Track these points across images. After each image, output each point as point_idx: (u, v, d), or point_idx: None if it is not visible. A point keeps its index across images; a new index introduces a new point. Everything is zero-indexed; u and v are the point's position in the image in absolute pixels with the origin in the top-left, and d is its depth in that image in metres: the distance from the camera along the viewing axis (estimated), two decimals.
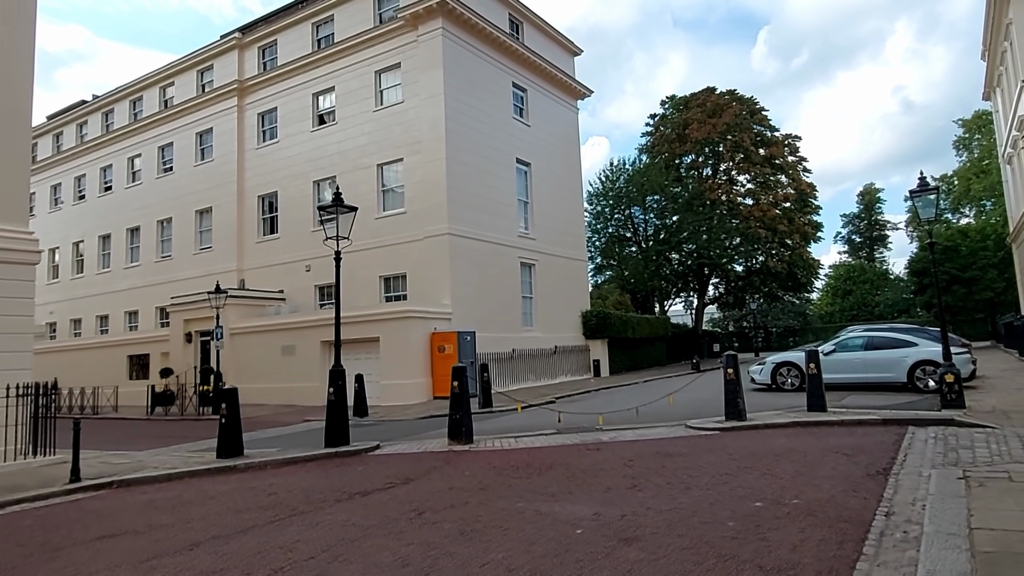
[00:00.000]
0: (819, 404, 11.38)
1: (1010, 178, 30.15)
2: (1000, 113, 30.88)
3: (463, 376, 10.39)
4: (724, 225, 38.58)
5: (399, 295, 24.37)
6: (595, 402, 17.94)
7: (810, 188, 41.48)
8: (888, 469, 7.41)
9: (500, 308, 24.99)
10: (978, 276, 35.18)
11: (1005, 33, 24.92)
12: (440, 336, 21.67)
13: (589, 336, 29.90)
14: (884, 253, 68.75)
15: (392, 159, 24.98)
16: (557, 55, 30.88)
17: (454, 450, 9.97)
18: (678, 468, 7.81)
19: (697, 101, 41.30)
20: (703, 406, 13.53)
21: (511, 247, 26.23)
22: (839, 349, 16.12)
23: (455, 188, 23.56)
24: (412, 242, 23.87)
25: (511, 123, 27.37)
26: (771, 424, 10.50)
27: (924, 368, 14.86)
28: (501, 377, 23.94)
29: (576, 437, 10.49)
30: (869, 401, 13.62)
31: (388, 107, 25.34)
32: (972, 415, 10.60)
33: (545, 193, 28.86)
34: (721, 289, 45.92)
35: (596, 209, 40.25)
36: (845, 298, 60.27)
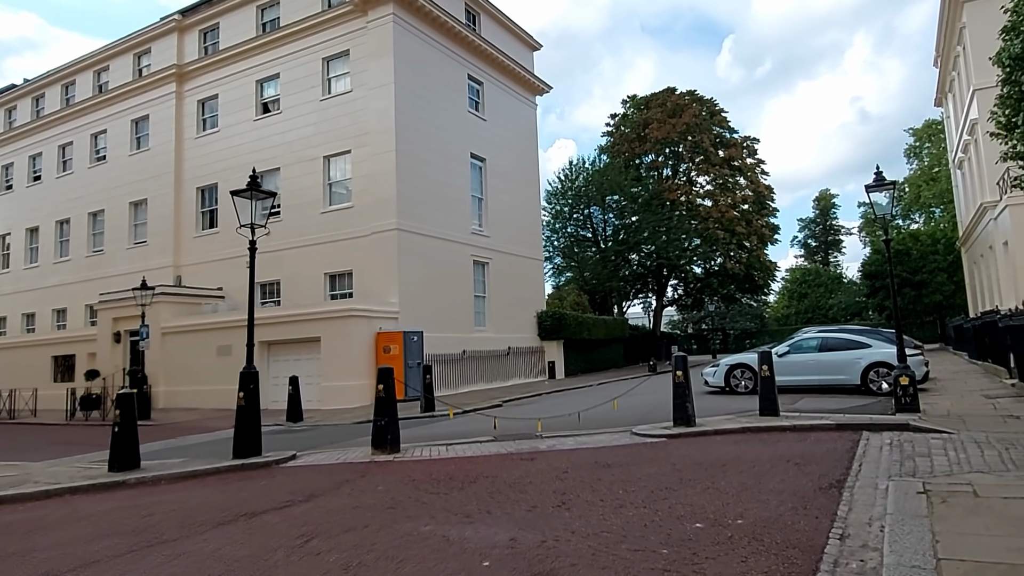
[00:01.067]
0: (771, 408, 10.79)
1: (960, 183, 30.45)
2: (951, 119, 31.19)
3: (390, 379, 9.48)
4: (683, 226, 38.30)
5: (345, 293, 23.27)
6: (544, 405, 17.17)
7: (768, 190, 41.57)
8: (842, 481, 6.76)
9: (451, 307, 24.08)
10: (928, 279, 35.57)
11: (958, 38, 25.04)
12: (385, 336, 20.67)
13: (544, 337, 29.18)
14: (838, 257, 70.06)
15: (339, 151, 23.87)
16: (515, 49, 30.13)
17: (376, 460, 9.05)
18: (615, 481, 7.04)
19: (657, 101, 41.01)
20: (653, 410, 12.87)
21: (464, 244, 25.34)
22: (793, 351, 15.66)
23: (405, 182, 22.58)
24: (359, 238, 22.80)
25: (466, 117, 26.49)
26: (720, 430, 9.84)
27: (878, 370, 14.47)
28: (450, 379, 23.06)
29: (512, 445, 9.67)
30: (823, 404, 13.12)
31: (336, 96, 24.22)
32: (927, 419, 10.12)
33: (500, 190, 28.05)
34: (680, 291, 45.75)
35: (555, 209, 39.62)
36: (801, 301, 60.90)
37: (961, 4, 23.16)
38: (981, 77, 22.48)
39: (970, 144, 25.11)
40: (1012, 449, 8.15)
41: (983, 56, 22.47)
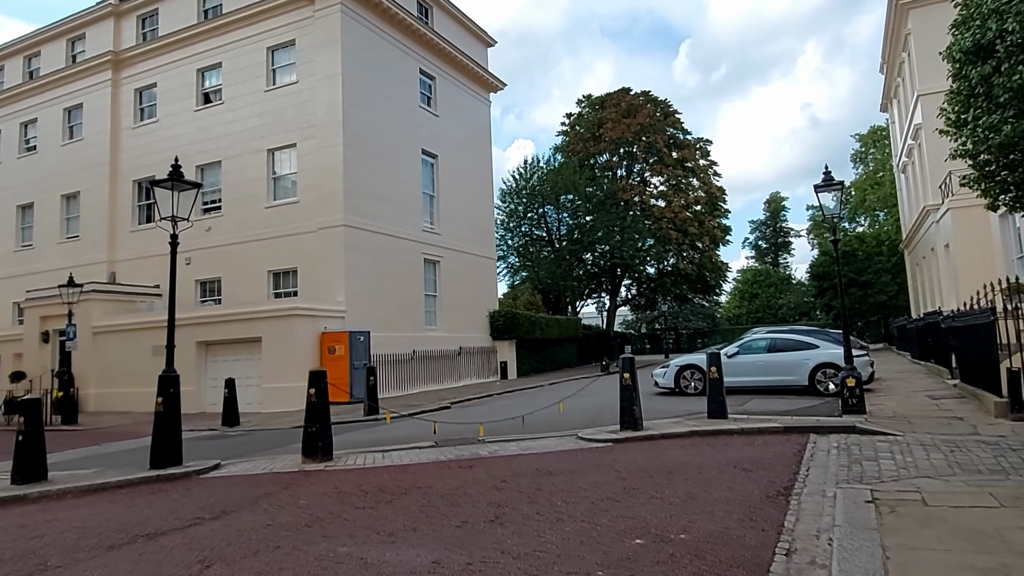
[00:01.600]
0: (719, 411, 10.58)
1: (904, 187, 31.19)
2: (896, 124, 31.93)
3: (321, 382, 8.91)
4: (637, 226, 38.37)
5: (290, 291, 22.41)
6: (493, 407, 16.74)
7: (720, 192, 42.02)
8: (789, 488, 6.51)
9: (401, 306, 23.45)
10: (873, 280, 36.43)
11: (904, 44, 25.56)
12: (330, 336, 19.93)
13: (496, 337, 28.75)
14: (787, 259, 71.51)
15: (285, 144, 22.97)
16: (469, 44, 29.62)
17: (305, 470, 8.47)
18: (556, 491, 6.64)
19: (612, 101, 41.01)
20: (601, 412, 12.55)
21: (414, 242, 24.72)
22: (743, 351, 15.58)
23: (353, 177, 21.85)
24: (305, 234, 21.97)
25: (417, 112, 25.86)
26: (668, 434, 9.56)
27: (825, 371, 14.48)
28: (399, 380, 22.44)
29: (452, 451, 9.20)
30: (771, 406, 13.02)
31: (281, 87, 23.31)
32: (873, 421, 10.05)
33: (453, 187, 27.51)
34: (633, 291, 45.92)
35: (509, 207, 39.25)
36: (751, 301, 61.99)
37: (907, 11, 23.63)
38: (925, 83, 22.99)
39: (914, 148, 25.67)
40: (957, 452, 8.06)
41: (927, 62, 23.03)
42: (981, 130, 5.86)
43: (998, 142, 5.69)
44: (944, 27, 23.01)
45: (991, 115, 5.70)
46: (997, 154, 5.94)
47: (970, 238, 19.15)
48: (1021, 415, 9.50)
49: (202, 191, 24.89)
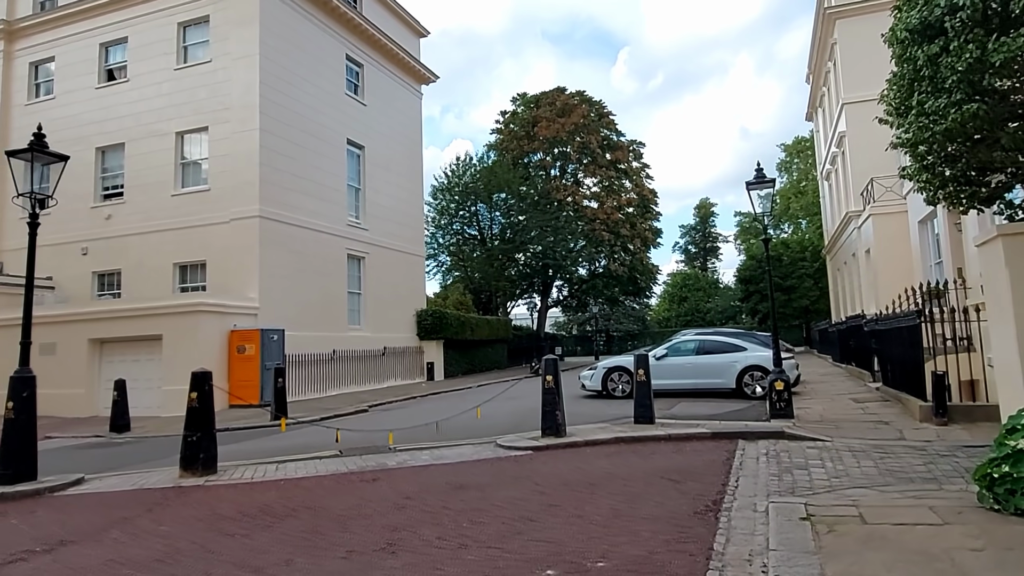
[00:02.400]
0: (647, 415, 10.07)
1: (827, 194, 31.99)
2: (821, 132, 32.75)
3: (204, 384, 7.86)
4: (569, 226, 38.07)
5: (198, 286, 20.81)
6: (415, 410, 15.84)
7: (652, 194, 42.30)
8: (719, 501, 5.97)
9: (322, 304, 22.18)
10: (796, 285, 37.39)
11: (830, 53, 26.09)
12: (240, 335, 18.55)
13: (424, 337, 27.77)
14: (716, 263, 73.18)
15: (195, 127, 21.32)
16: (401, 33, 28.53)
17: (181, 486, 7.41)
18: (465, 510, 5.88)
19: (547, 100, 40.65)
20: (526, 417, 11.86)
21: (338, 236, 23.47)
22: (671, 353, 15.25)
23: (270, 165, 20.48)
24: (216, 225, 20.43)
25: (343, 100, 24.62)
26: (592, 441, 8.95)
27: (752, 374, 14.28)
28: (318, 382, 21.20)
29: (357, 462, 8.30)
30: (699, 409, 12.68)
31: (193, 66, 21.64)
32: (801, 426, 9.75)
33: (380, 180, 26.38)
34: (565, 292, 45.71)
35: (441, 204, 38.25)
36: (680, 304, 63.01)
37: (833, 20, 24.10)
38: (850, 92, 23.47)
39: (838, 156, 26.26)
40: (887, 458, 7.77)
41: (853, 71, 23.55)
42: (926, 117, 5.45)
43: (943, 128, 5.30)
44: (870, 37, 23.63)
45: (937, 99, 5.30)
46: (942, 141, 5.55)
47: (890, 244, 19.54)
48: (945, 419, 9.38)
49: (103, 175, 23.16)
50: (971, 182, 5.97)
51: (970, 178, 5.95)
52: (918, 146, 5.87)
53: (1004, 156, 5.43)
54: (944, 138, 5.45)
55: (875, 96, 22.30)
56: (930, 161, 5.99)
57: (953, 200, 6.35)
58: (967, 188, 5.97)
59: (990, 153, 5.46)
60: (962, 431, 9.08)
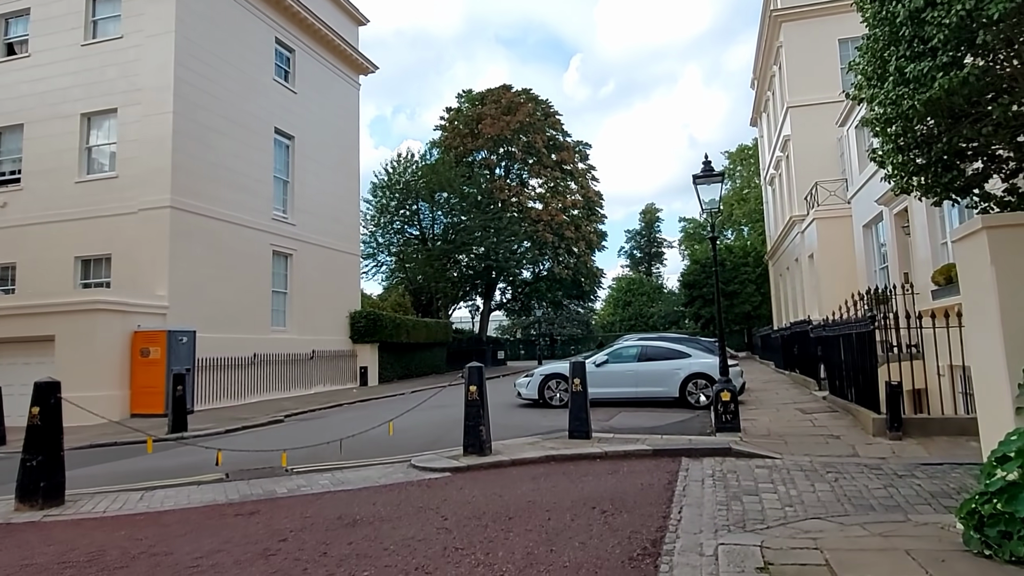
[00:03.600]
0: (582, 430, 9.10)
1: (771, 199, 31.95)
2: (765, 137, 32.73)
3: (50, 398, 6.46)
4: (513, 227, 37.07)
5: (102, 282, 18.94)
6: (336, 420, 14.49)
7: (597, 196, 41.74)
8: (658, 541, 4.99)
9: (242, 304, 20.53)
10: (739, 290, 37.38)
11: (776, 57, 25.90)
12: (145, 336, 16.84)
13: (357, 340, 26.30)
14: (660, 269, 73.55)
15: (103, 108, 19.44)
16: (338, 20, 27.05)
17: (12, 522, 6.00)
18: (348, 555, 4.73)
19: (493, 97, 39.61)
20: (452, 428, 10.72)
21: (262, 231, 21.84)
22: (612, 360, 14.36)
23: (184, 151, 18.79)
24: (123, 215, 18.60)
25: (271, 86, 23.01)
26: (520, 460, 7.90)
27: (696, 382, 13.52)
28: (237, 388, 19.58)
29: (242, 489, 7.03)
30: (640, 421, 11.80)
31: (102, 42, 19.74)
32: (749, 440, 8.93)
33: (312, 173, 24.83)
34: (508, 295, 44.72)
35: (381, 202, 36.70)
36: (625, 309, 62.87)
37: (779, 24, 23.87)
38: (796, 95, 23.24)
39: (782, 160, 26.08)
40: (842, 479, 6.98)
41: (798, 74, 23.34)
42: (905, 85, 4.61)
43: (926, 97, 4.46)
44: (815, 41, 23.54)
45: (920, 62, 4.46)
46: (922, 114, 4.72)
47: (834, 248, 19.25)
48: (900, 433, 8.70)
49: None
50: (948, 167, 5.19)
51: (946, 163, 5.17)
52: (891, 124, 5.05)
53: (990, 135, 4.66)
54: (925, 111, 4.62)
55: (820, 99, 22.14)
56: (905, 142, 5.17)
57: (928, 189, 5.56)
58: (945, 175, 5.18)
59: (975, 131, 4.68)
60: (917, 446, 8.41)
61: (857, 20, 6.04)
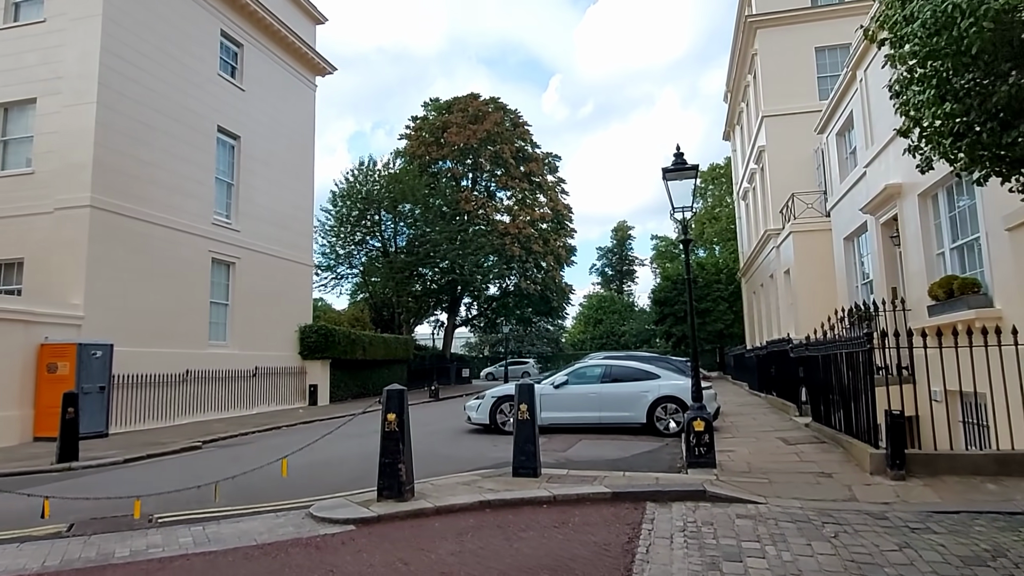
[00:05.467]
0: (528, 465, 7.61)
1: (744, 214, 31.02)
2: (738, 151, 31.88)
3: None
4: (478, 240, 35.54)
5: (13, 289, 16.99)
6: (262, 446, 12.75)
7: (567, 209, 40.46)
8: None
9: (175, 315, 18.66)
10: (711, 307, 36.30)
11: (750, 65, 25.01)
12: (52, 349, 14.95)
13: (307, 356, 24.48)
14: (632, 287, 72.68)
15: (21, 98, 17.63)
16: (292, 16, 25.52)
17: None
18: None
19: (460, 106, 38.25)
20: None
21: (200, 236, 20.03)
22: (573, 380, 12.87)
23: (109, 146, 17.02)
24: (38, 215, 16.73)
25: (215, 81, 21.33)
26: (448, 507, 6.35)
27: (666, 406, 12.11)
28: (166, 408, 17.74)
29: (76, 549, 5.37)
30: (602, 451, 10.34)
31: (22, 26, 17.98)
32: (726, 479, 7.52)
33: (259, 177, 23.12)
34: (474, 310, 43.10)
35: (340, 212, 34.95)
36: (596, 327, 61.71)
37: (754, 30, 22.98)
38: (771, 104, 22.29)
39: (756, 173, 25.11)
40: (843, 534, 5.60)
41: (773, 82, 22.40)
42: (958, 26, 3.26)
43: (1000, 4, 3.11)
44: (791, 48, 22.62)
45: None
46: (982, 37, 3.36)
47: (812, 263, 18.15)
48: (903, 472, 7.36)
49: None
50: (1008, 124, 3.85)
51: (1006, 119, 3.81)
52: (934, 58, 3.69)
53: None
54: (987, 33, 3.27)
55: (796, 109, 21.09)
56: (950, 88, 3.81)
57: (976, 159, 4.18)
58: (1007, 134, 3.81)
59: None
60: (925, 488, 7.07)
61: (834, 28, 4.93)
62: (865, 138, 13.45)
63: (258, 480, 7.48)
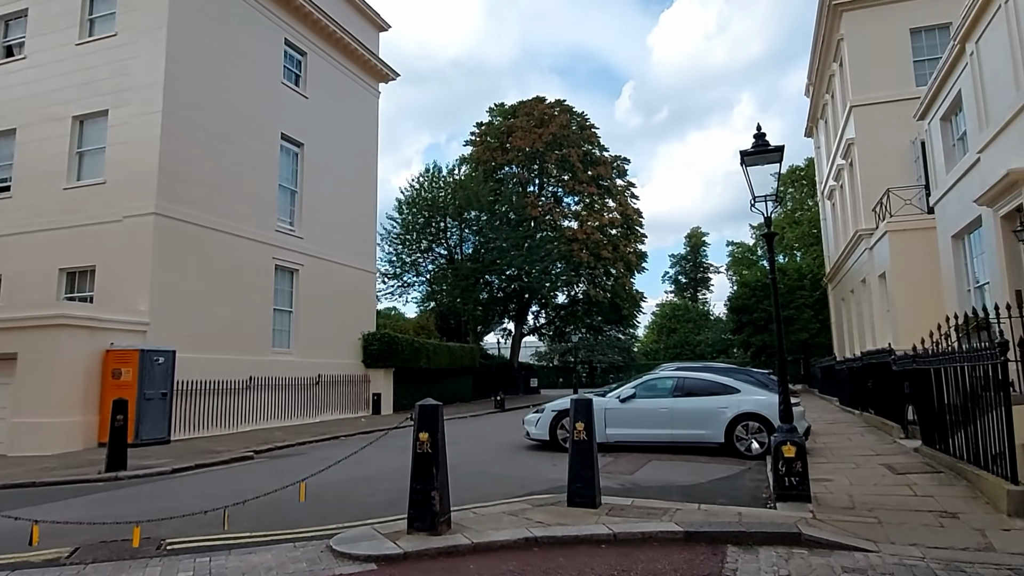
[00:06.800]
0: (586, 494, 6.59)
1: (830, 215, 28.86)
2: (823, 148, 29.75)
3: None
4: (545, 246, 34.58)
5: (86, 296, 17.33)
6: (314, 459, 12.22)
7: (637, 214, 38.96)
8: None
9: (238, 322, 18.65)
10: (795, 315, 33.91)
11: (835, 53, 23.14)
12: (117, 355, 15.01)
13: (370, 364, 24.18)
14: (707, 295, 70.01)
15: (95, 110, 18.03)
16: (356, 24, 25.49)
17: None
18: None
19: (524, 109, 37.50)
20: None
21: (263, 244, 20.02)
22: (641, 393, 11.71)
23: (174, 154, 17.15)
24: (108, 223, 17.02)
25: (279, 90, 21.39)
26: (485, 545, 5.43)
27: (747, 424, 10.80)
28: (228, 415, 17.67)
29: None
30: (673, 474, 9.18)
31: (96, 40, 18.41)
32: (825, 518, 6.27)
33: (323, 184, 23.04)
34: (542, 319, 42.08)
35: (406, 219, 34.78)
36: (669, 336, 59.64)
37: (839, 14, 21.17)
38: (859, 92, 20.44)
39: (844, 169, 23.14)
40: None
41: (861, 69, 20.55)
42: None
43: None
44: (881, 31, 20.75)
45: None
46: None
47: (912, 265, 16.27)
48: None
49: None
50: None
51: None
52: None
53: None
54: None
55: (889, 97, 19.21)
56: None
57: None
58: None
59: None
60: None
61: (932, 7, 3.89)
62: (978, 119, 11.77)
63: (287, 497, 6.80)
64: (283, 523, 6.48)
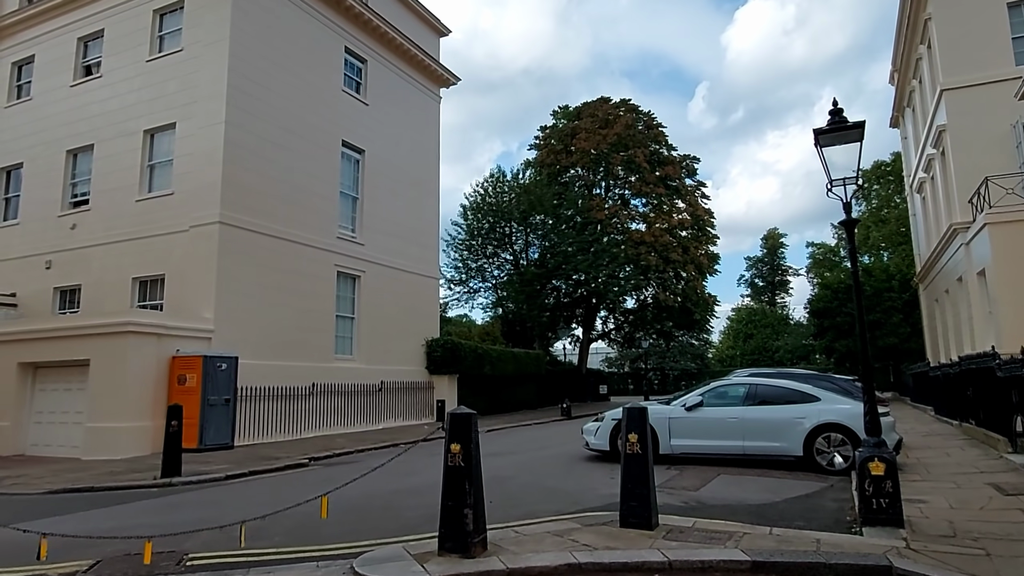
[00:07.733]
0: (639, 514, 5.92)
1: (920, 209, 26.81)
2: (911, 138, 27.70)
3: None
4: (611, 250, 33.66)
5: (157, 304, 17.83)
6: (367, 466, 11.97)
7: (707, 214, 37.44)
8: None
9: (301, 328, 18.79)
10: (882, 319, 31.65)
11: (922, 35, 21.42)
12: (182, 361, 15.28)
13: (434, 370, 24.00)
14: (785, 299, 66.89)
15: (164, 124, 18.57)
16: (416, 29, 25.51)
17: None
18: None
19: (589, 111, 36.75)
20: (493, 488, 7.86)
21: (326, 251, 20.15)
22: (709, 401, 10.84)
23: (237, 164, 17.44)
24: (176, 233, 17.47)
25: (340, 97, 21.56)
26: (522, 571, 4.86)
27: (829, 436, 9.79)
28: (291, 422, 17.78)
29: None
30: (744, 492, 8.32)
31: (165, 56, 19.00)
32: (921, 547, 5.38)
33: (384, 190, 23.06)
34: (610, 324, 41.06)
35: (471, 224, 34.64)
36: (746, 342, 57.35)
37: None
38: (950, 75, 18.78)
39: (935, 159, 21.34)
40: None
41: (952, 50, 18.89)
42: None
43: None
44: (974, 8, 19.06)
45: None
46: None
47: (1016, 261, 14.65)
48: None
49: (73, 181, 20.66)
50: None
51: None
52: None
53: None
54: None
55: (984, 78, 17.54)
56: None
57: None
58: None
59: None
60: None
61: None
62: None
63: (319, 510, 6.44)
64: (315, 538, 6.12)
